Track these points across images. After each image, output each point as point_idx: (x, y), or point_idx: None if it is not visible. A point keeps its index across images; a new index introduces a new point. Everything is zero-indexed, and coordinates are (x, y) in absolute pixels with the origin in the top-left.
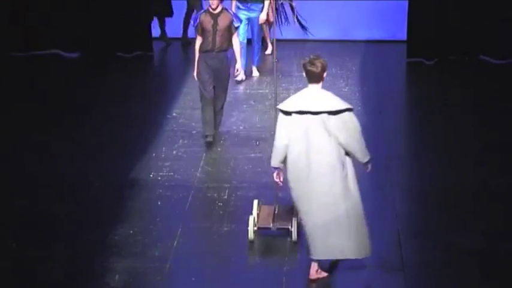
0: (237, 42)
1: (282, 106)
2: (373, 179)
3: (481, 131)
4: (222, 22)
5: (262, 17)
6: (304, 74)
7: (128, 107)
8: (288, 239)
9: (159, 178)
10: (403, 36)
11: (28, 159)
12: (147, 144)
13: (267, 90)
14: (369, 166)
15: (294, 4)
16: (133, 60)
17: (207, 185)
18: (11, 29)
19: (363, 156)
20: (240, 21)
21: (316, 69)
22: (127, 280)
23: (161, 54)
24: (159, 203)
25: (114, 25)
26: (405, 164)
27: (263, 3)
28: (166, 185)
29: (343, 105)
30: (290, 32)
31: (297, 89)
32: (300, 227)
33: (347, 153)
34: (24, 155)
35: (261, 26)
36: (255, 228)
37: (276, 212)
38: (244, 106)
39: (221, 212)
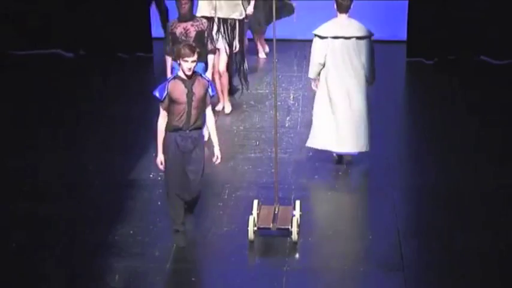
0: (212, 116)
1: (318, 32)
2: (373, 179)
3: (481, 131)
4: (198, 91)
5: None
6: (335, 6)
7: (128, 107)
8: (288, 239)
9: (159, 178)
10: (403, 36)
11: (28, 159)
12: (147, 144)
13: (267, 90)
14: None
15: (294, 4)
16: (134, 61)
17: (207, 185)
18: (11, 28)
19: (372, 76)
20: (214, 89)
21: (347, 1)
22: (127, 280)
23: (161, 55)
24: (159, 203)
25: (114, 25)
26: (405, 164)
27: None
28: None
29: (368, 32)
30: (290, 32)
31: (297, 89)
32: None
33: None
34: (24, 154)
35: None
36: (255, 228)
37: (276, 212)
38: (244, 106)
39: (221, 212)
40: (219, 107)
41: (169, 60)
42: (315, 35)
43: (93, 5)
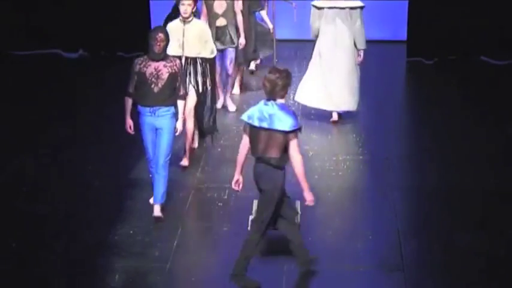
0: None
1: (316, 3)
2: (373, 179)
3: (480, 131)
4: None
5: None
6: None
7: None
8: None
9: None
10: (403, 36)
11: (28, 159)
12: None
13: None
14: (361, 55)
15: (294, 4)
16: (134, 60)
17: (207, 185)
18: (11, 28)
19: (362, 43)
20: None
21: None
22: (127, 280)
23: None
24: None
25: (114, 25)
26: (405, 164)
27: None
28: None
29: (360, 3)
30: (290, 32)
31: (297, 89)
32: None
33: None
34: (24, 154)
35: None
36: None
37: None
38: (244, 106)
39: (221, 212)
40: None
41: (129, 102)
42: (313, 6)
43: (93, 5)
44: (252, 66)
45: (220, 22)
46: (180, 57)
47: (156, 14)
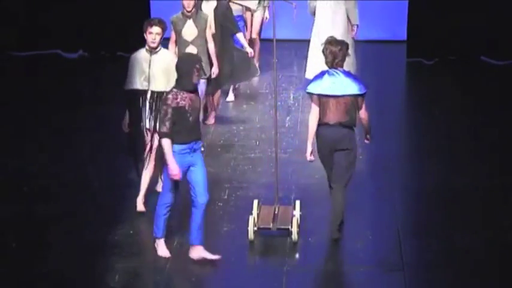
0: None
1: None
2: (373, 179)
3: (480, 131)
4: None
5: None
6: None
7: None
8: (288, 239)
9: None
10: (403, 36)
11: (28, 159)
12: None
13: (267, 90)
14: (355, 29)
15: (294, 4)
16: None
17: (207, 185)
18: (11, 29)
19: (356, 19)
20: None
21: None
22: (127, 280)
23: None
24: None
25: (114, 25)
26: (405, 164)
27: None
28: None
29: None
30: (290, 32)
31: (297, 89)
32: None
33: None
34: (24, 154)
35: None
36: (255, 228)
37: (276, 212)
38: (244, 106)
39: (221, 212)
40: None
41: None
42: None
43: (93, 4)
44: (231, 96)
45: (190, 50)
46: (145, 92)
47: (156, 14)
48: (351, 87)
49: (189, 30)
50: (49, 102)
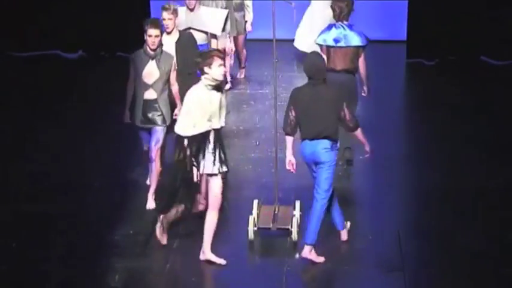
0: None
1: None
2: (373, 179)
3: (480, 131)
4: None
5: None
6: None
7: None
8: (288, 239)
9: (159, 178)
10: (403, 36)
11: (28, 159)
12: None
13: (267, 90)
14: None
15: (293, 4)
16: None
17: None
18: (11, 29)
19: None
20: None
21: None
22: (127, 280)
23: None
24: (159, 202)
25: (114, 25)
26: (405, 164)
27: None
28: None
29: None
30: (290, 32)
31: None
32: None
33: None
34: (24, 154)
35: None
36: (255, 228)
37: (276, 212)
38: (244, 106)
39: (221, 212)
40: None
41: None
42: None
43: (93, 4)
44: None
45: (149, 95)
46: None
47: (157, 15)
48: (355, 39)
49: (150, 72)
50: (49, 102)
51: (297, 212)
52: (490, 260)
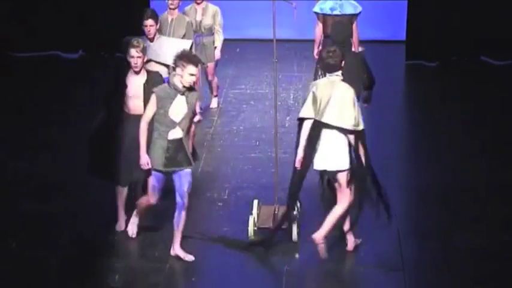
0: None
1: None
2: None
3: (481, 132)
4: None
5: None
6: None
7: None
8: (288, 239)
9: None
10: (403, 36)
11: (28, 159)
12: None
13: (267, 90)
14: None
15: (294, 4)
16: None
17: (207, 185)
18: (11, 29)
19: None
20: None
21: None
22: (127, 280)
23: None
24: (159, 203)
25: (114, 26)
26: (405, 164)
27: None
28: (166, 185)
29: None
30: (290, 32)
31: (297, 89)
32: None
33: None
34: (24, 155)
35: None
36: (255, 228)
37: (276, 212)
38: (244, 106)
39: (221, 212)
40: None
41: None
42: None
43: (93, 5)
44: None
45: (175, 134)
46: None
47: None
48: (349, 8)
49: (179, 109)
50: (49, 102)
51: (297, 212)
52: (489, 260)
